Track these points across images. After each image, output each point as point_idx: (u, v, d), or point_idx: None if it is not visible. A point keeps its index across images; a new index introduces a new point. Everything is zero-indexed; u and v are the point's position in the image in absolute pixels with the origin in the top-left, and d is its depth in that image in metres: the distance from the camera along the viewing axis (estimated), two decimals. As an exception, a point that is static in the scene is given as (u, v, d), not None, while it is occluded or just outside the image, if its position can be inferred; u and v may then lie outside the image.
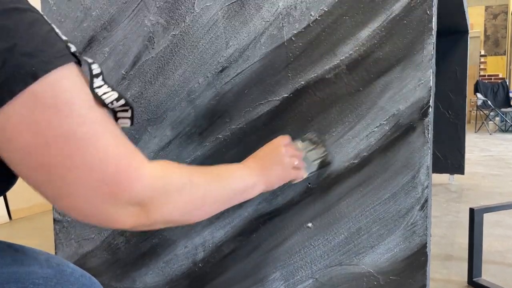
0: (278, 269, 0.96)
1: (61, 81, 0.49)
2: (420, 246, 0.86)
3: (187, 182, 0.58)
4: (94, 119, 0.51)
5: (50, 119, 0.48)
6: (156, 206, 0.54)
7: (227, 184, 0.66)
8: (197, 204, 0.59)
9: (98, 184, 0.50)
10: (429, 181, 0.85)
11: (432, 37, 0.82)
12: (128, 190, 0.51)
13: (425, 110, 0.84)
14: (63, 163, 0.49)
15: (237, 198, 0.69)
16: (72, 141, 0.49)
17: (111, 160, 0.51)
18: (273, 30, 0.92)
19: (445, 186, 2.80)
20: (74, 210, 0.51)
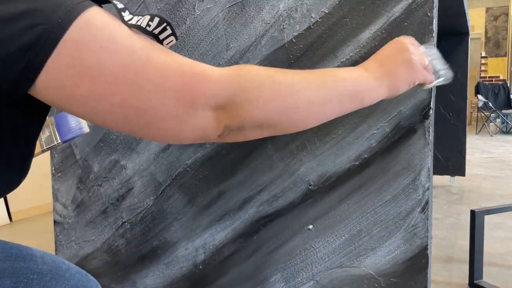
0: (279, 271, 0.96)
1: (92, 22, 0.49)
2: (421, 248, 0.86)
3: (266, 78, 0.54)
4: (141, 45, 0.50)
5: (100, 59, 0.48)
6: (237, 104, 0.52)
7: (328, 84, 0.58)
8: (287, 102, 0.54)
9: (173, 100, 0.49)
10: (430, 183, 0.85)
11: (433, 39, 0.82)
12: (203, 94, 0.50)
13: (426, 112, 0.83)
14: (132, 95, 0.49)
15: (350, 102, 0.60)
16: (131, 70, 0.49)
17: (176, 72, 0.50)
18: (274, 32, 0.92)
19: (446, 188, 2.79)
20: (163, 135, 0.51)
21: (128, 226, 1.07)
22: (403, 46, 0.66)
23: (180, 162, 1.01)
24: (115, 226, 1.08)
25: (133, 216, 1.06)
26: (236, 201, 0.98)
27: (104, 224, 1.09)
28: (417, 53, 0.67)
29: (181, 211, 1.02)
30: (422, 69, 0.67)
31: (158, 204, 1.04)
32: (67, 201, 1.11)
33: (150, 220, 1.05)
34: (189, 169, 1.01)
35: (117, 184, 1.07)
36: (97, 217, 1.09)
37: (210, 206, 1.00)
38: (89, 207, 1.10)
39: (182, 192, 1.02)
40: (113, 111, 0.50)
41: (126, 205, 1.07)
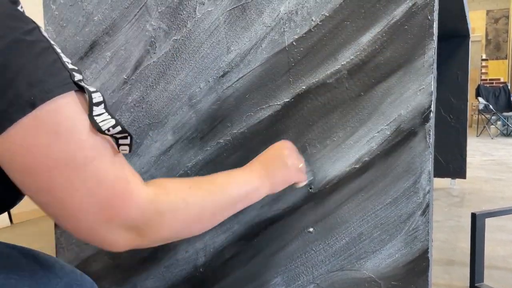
0: (279, 274, 0.96)
1: (61, 109, 0.51)
2: (422, 251, 0.85)
3: (181, 202, 0.59)
4: (92, 145, 0.53)
5: (51, 144, 0.50)
6: (151, 228, 0.55)
7: (227, 192, 0.66)
8: (193, 220, 0.60)
9: (95, 208, 0.52)
10: (430, 186, 0.85)
11: (433, 42, 0.82)
12: (122, 215, 0.53)
13: (426, 115, 0.83)
14: (63, 187, 0.51)
15: (241, 203, 0.68)
16: (71, 166, 0.51)
17: (108, 184, 0.52)
18: (274, 35, 0.92)
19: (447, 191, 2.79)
20: (73, 230, 0.53)
21: (128, 228, 1.07)
22: (281, 150, 0.77)
23: (180, 165, 1.01)
24: (116, 229, 1.08)
25: (134, 219, 1.06)
26: (236, 204, 0.98)
27: (104, 226, 1.09)
28: (293, 157, 0.77)
29: (182, 214, 1.02)
30: (296, 171, 0.76)
31: (158, 206, 1.04)
32: (67, 204, 1.11)
33: (150, 222, 1.05)
34: (190, 171, 1.01)
35: (117, 186, 1.07)
36: (98, 220, 1.09)
37: (211, 209, 1.00)
38: (89, 210, 1.10)
39: (183, 194, 1.02)
40: (39, 192, 0.52)
41: (127, 207, 1.07)
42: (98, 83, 1.07)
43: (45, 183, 0.51)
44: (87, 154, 0.52)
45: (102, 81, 1.07)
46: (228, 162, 0.97)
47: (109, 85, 1.06)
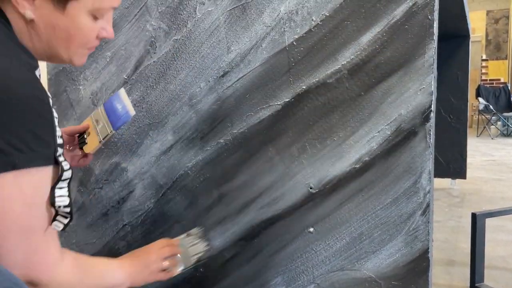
0: (280, 274, 0.96)
1: (34, 179, 0.61)
2: (422, 251, 0.85)
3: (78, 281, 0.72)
4: (40, 216, 0.63)
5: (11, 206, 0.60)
6: None
7: (101, 282, 0.78)
8: None
9: (21, 265, 0.63)
10: (430, 186, 0.84)
11: (433, 42, 0.82)
12: (37, 278, 0.65)
13: (426, 115, 0.83)
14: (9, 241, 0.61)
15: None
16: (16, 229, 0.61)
17: (40, 252, 0.64)
18: (274, 35, 0.92)
19: (447, 191, 2.79)
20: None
21: (129, 228, 1.07)
22: (149, 254, 0.85)
23: (181, 165, 1.01)
24: (116, 229, 1.08)
25: (134, 219, 1.06)
26: (236, 204, 0.98)
27: (105, 227, 1.09)
28: (161, 257, 0.85)
29: (182, 214, 1.02)
30: (158, 273, 0.85)
31: (159, 206, 1.04)
32: (68, 204, 1.11)
33: (151, 222, 1.05)
34: (190, 172, 1.01)
35: (118, 187, 1.07)
36: (98, 220, 1.09)
37: (211, 209, 1.00)
38: (90, 210, 1.10)
39: (183, 195, 1.02)
40: None
41: (127, 207, 1.06)
42: (98, 83, 1.07)
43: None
44: (38, 226, 0.64)
45: (102, 81, 1.07)
46: (229, 162, 0.97)
47: (109, 85, 1.06)
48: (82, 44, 0.67)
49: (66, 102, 1.09)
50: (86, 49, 0.70)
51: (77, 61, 0.70)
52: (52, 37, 0.65)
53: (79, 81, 1.08)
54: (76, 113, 1.09)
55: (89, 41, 0.68)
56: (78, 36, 0.66)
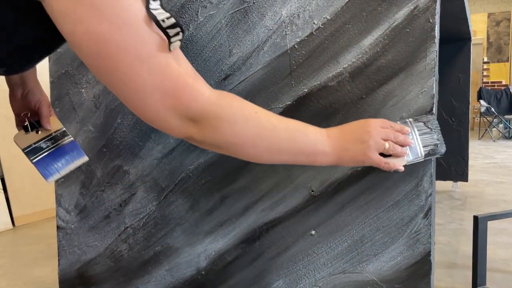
0: (281, 277, 0.96)
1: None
2: (424, 254, 0.85)
3: (241, 119, 0.60)
4: (156, 40, 0.55)
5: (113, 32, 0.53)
6: (207, 127, 0.59)
7: (292, 139, 0.64)
8: (248, 142, 0.61)
9: (159, 94, 0.55)
10: (432, 189, 0.84)
11: (434, 45, 0.82)
12: (185, 105, 0.57)
13: (428, 118, 0.83)
14: (127, 75, 0.54)
15: (302, 158, 0.67)
16: (135, 57, 0.54)
17: (173, 76, 0.56)
18: (276, 38, 0.92)
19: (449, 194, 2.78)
20: (139, 113, 0.58)
21: (130, 231, 1.07)
22: (366, 127, 0.72)
23: (182, 168, 1.01)
24: (118, 232, 1.08)
25: (136, 222, 1.06)
26: (238, 207, 0.98)
27: (106, 229, 1.09)
28: (382, 136, 0.72)
29: (184, 217, 1.02)
30: (374, 154, 0.71)
31: (160, 209, 1.04)
32: (70, 207, 1.12)
33: (152, 225, 1.05)
34: (192, 174, 1.01)
35: (120, 189, 1.07)
36: (100, 223, 1.09)
37: (213, 211, 1.00)
38: (92, 213, 1.10)
39: (185, 197, 1.02)
40: (103, 72, 0.56)
41: (129, 210, 1.07)
42: (100, 86, 1.07)
43: (106, 70, 0.54)
44: (150, 49, 0.54)
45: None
46: (230, 164, 0.98)
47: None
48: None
49: (68, 105, 1.10)
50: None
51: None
52: None
53: (82, 84, 1.09)
54: (79, 116, 1.09)
55: None
56: None
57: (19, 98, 0.91)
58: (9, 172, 2.26)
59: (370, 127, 0.71)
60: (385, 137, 0.72)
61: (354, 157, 0.70)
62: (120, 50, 0.54)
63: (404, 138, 0.74)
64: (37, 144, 0.88)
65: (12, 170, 2.27)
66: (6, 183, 2.24)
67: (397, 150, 0.73)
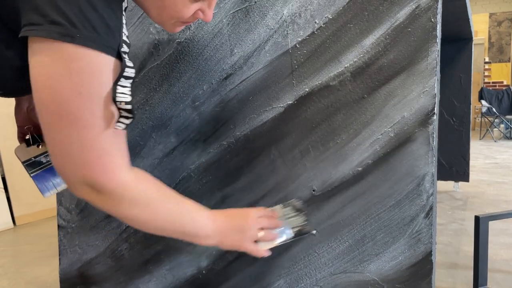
0: (282, 276, 0.96)
1: (98, 66, 0.58)
2: (425, 254, 0.85)
3: (143, 205, 0.67)
4: (105, 116, 0.60)
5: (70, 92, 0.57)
6: (108, 202, 0.64)
7: (181, 224, 0.72)
8: (140, 223, 0.68)
9: (80, 163, 0.61)
10: (434, 189, 0.84)
11: (436, 44, 0.82)
12: (95, 180, 0.62)
13: (429, 118, 0.83)
14: (64, 133, 0.59)
15: (185, 238, 0.74)
16: (75, 123, 0.59)
17: (100, 152, 0.61)
18: (277, 38, 0.92)
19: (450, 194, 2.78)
20: (56, 165, 0.63)
21: (131, 230, 1.07)
22: (246, 218, 0.79)
23: (184, 167, 1.01)
24: (119, 231, 1.08)
25: (137, 221, 1.06)
26: (239, 206, 0.98)
27: (107, 228, 1.09)
28: (258, 226, 0.79)
29: (185, 216, 1.02)
30: (250, 243, 0.78)
31: (161, 208, 1.04)
32: (71, 206, 1.12)
33: (153, 224, 1.05)
34: (193, 173, 1.01)
35: (121, 188, 1.07)
36: (101, 222, 1.09)
37: (214, 211, 1.00)
38: (93, 212, 1.10)
39: (186, 196, 1.02)
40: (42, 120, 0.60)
41: (130, 209, 1.07)
42: (101, 85, 1.07)
43: (50, 125, 0.59)
44: (95, 122, 0.60)
45: (105, 83, 1.07)
46: (231, 164, 0.98)
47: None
48: (172, 17, 0.67)
49: (69, 104, 1.10)
50: (179, 22, 0.69)
51: (168, 28, 0.70)
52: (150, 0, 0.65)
53: (83, 83, 1.09)
54: (80, 115, 1.09)
55: (181, 17, 0.67)
56: (170, 9, 0.65)
57: (24, 111, 0.92)
58: (10, 171, 2.26)
59: (249, 219, 0.79)
60: (260, 226, 0.80)
61: (233, 244, 0.78)
62: (71, 115, 0.58)
63: (275, 223, 0.82)
64: (37, 158, 0.89)
65: (13, 169, 2.27)
66: (7, 183, 2.25)
67: (269, 237, 0.81)
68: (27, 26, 0.56)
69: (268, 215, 0.82)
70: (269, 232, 0.80)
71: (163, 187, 0.71)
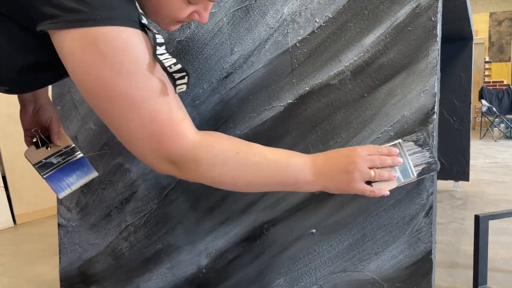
0: (282, 275, 0.96)
1: (127, 40, 0.58)
2: (425, 253, 0.85)
3: (220, 162, 0.65)
4: (150, 86, 0.60)
5: (113, 78, 0.58)
6: (187, 169, 0.65)
7: (274, 173, 0.68)
8: (227, 181, 0.67)
9: (145, 138, 0.61)
10: (434, 188, 0.84)
11: (436, 43, 0.82)
12: (167, 151, 0.62)
13: (429, 117, 0.83)
14: (120, 116, 0.60)
15: (284, 188, 0.70)
16: (129, 101, 0.59)
17: (160, 122, 0.61)
18: (277, 36, 0.92)
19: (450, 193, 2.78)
20: (128, 147, 0.64)
21: (132, 229, 1.07)
22: (351, 159, 0.72)
23: (184, 166, 1.01)
24: (119, 230, 1.08)
25: (137, 220, 1.06)
26: (239, 205, 0.98)
27: (108, 227, 1.09)
28: (368, 164, 0.72)
29: (185, 215, 1.02)
30: (359, 184, 0.71)
31: (162, 207, 1.04)
32: (71, 204, 1.12)
33: (153, 223, 1.05)
34: (193, 172, 1.01)
35: (121, 187, 1.07)
36: (101, 220, 1.10)
37: (214, 210, 1.00)
38: (93, 210, 1.10)
39: (186, 195, 1.02)
40: (99, 113, 0.62)
41: (130, 208, 1.07)
42: (102, 84, 1.07)
43: (104, 110, 0.60)
44: (144, 94, 0.59)
45: (106, 82, 1.07)
46: (231, 163, 0.98)
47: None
48: (168, 16, 0.67)
49: (70, 102, 1.10)
50: (175, 21, 0.69)
51: (164, 27, 0.70)
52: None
53: (83, 82, 1.09)
54: (80, 114, 1.09)
55: (176, 17, 0.68)
56: (166, 9, 0.66)
57: (30, 114, 0.92)
58: (10, 170, 2.26)
59: (356, 157, 0.72)
60: (371, 165, 0.73)
61: (339, 187, 0.72)
62: (119, 95, 0.58)
63: (392, 161, 0.75)
64: (48, 159, 0.90)
65: (13, 168, 2.28)
66: (7, 181, 2.25)
67: (383, 177, 0.73)
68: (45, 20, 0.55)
69: (383, 152, 0.74)
70: (383, 171, 0.72)
71: (239, 142, 0.68)
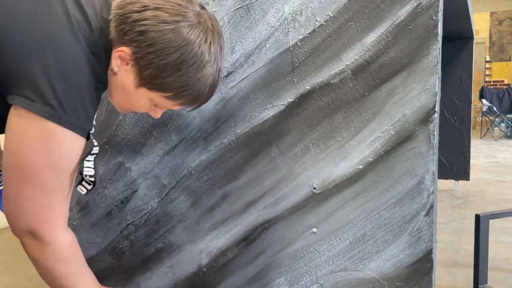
0: (283, 274, 0.96)
1: (73, 147, 0.71)
2: (426, 252, 0.85)
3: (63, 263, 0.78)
4: (64, 182, 0.73)
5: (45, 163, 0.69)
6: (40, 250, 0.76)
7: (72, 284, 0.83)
8: (54, 275, 0.79)
9: (31, 216, 0.72)
10: (434, 187, 0.84)
11: (437, 43, 0.82)
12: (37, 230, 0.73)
13: (430, 116, 0.83)
14: (27, 191, 0.70)
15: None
16: (43, 188, 0.71)
17: (52, 209, 0.73)
18: (278, 35, 0.92)
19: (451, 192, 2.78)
20: (8, 211, 0.74)
21: (132, 228, 1.07)
22: None
23: (184, 165, 1.01)
24: (120, 228, 1.08)
25: (138, 218, 1.07)
26: (240, 204, 0.98)
27: (108, 226, 1.09)
28: None
29: (185, 214, 1.02)
30: None
31: (162, 206, 1.04)
32: (72, 203, 1.12)
33: (154, 222, 1.05)
34: (194, 171, 1.01)
35: (121, 186, 1.07)
36: (102, 219, 1.10)
37: (214, 208, 1.00)
38: (94, 209, 1.10)
39: (186, 194, 1.02)
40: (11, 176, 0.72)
41: (131, 207, 1.07)
42: (102, 83, 1.07)
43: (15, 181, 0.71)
44: (55, 186, 0.72)
45: (106, 81, 1.07)
46: (232, 162, 0.98)
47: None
48: (131, 109, 0.82)
49: (70, 101, 1.10)
50: (132, 111, 0.84)
51: (121, 111, 0.85)
52: (117, 90, 0.78)
53: (84, 80, 1.09)
54: (81, 113, 1.09)
55: (138, 111, 0.82)
56: (133, 105, 0.80)
57: None
58: (11, 169, 2.26)
59: None
60: None
61: None
62: (36, 180, 0.70)
63: None
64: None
65: (14, 167, 2.27)
66: (8, 180, 2.24)
67: None
68: (22, 97, 0.67)
69: None
70: None
71: (82, 258, 0.83)
